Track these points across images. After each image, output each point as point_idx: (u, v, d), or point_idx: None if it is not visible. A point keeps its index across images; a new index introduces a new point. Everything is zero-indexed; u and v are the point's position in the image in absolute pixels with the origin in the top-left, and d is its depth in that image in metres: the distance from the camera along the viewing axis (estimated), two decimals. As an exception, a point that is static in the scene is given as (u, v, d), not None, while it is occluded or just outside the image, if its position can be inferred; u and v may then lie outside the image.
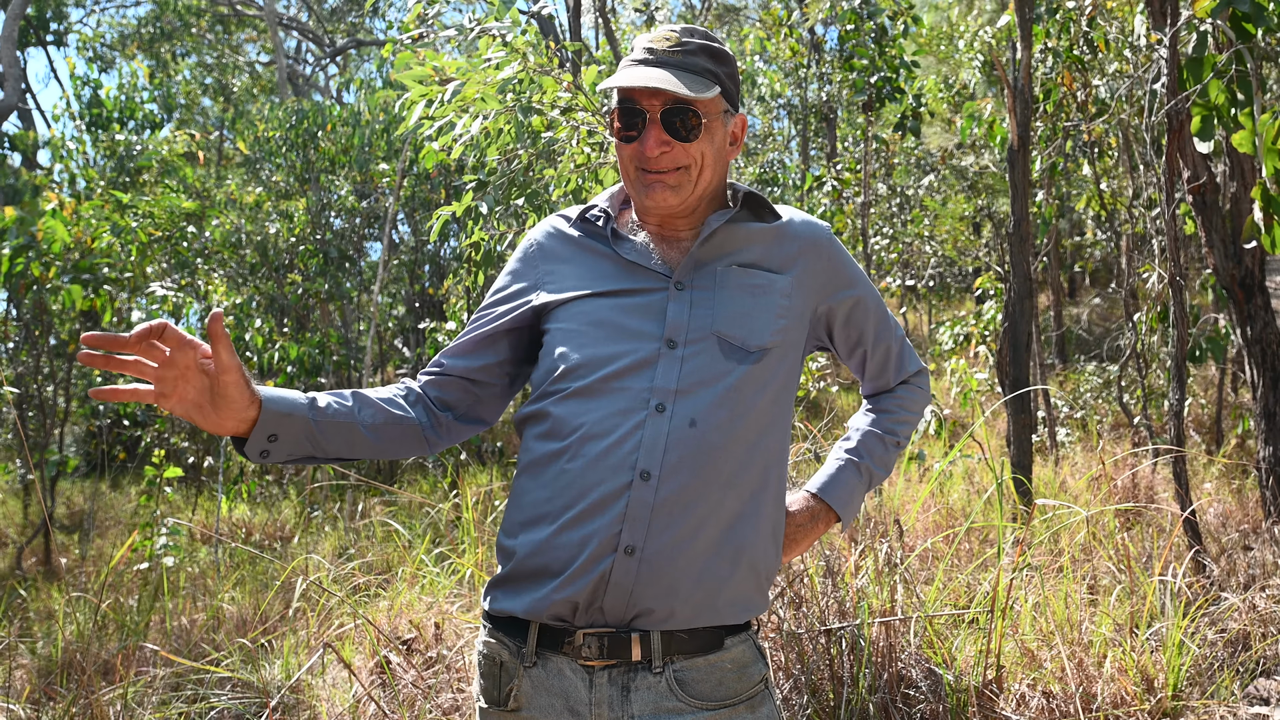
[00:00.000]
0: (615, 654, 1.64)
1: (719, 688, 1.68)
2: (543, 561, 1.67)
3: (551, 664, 1.68)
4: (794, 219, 1.88)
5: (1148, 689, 3.26)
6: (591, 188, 4.56)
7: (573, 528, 1.64)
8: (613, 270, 1.81)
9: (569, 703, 1.66)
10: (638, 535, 1.62)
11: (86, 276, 7.72)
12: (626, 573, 1.62)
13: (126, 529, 9.20)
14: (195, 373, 1.59)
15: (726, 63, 1.81)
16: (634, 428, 1.66)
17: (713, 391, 1.69)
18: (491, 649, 1.75)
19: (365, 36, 24.98)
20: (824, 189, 9.52)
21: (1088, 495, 6.34)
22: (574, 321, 1.77)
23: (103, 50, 23.34)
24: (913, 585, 3.63)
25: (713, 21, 16.42)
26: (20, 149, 14.92)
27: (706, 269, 1.79)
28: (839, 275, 1.89)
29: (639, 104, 1.75)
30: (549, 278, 1.85)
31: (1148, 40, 5.28)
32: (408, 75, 4.34)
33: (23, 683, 4.79)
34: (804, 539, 1.91)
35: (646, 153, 1.74)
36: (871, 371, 2.02)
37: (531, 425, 1.77)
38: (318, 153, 11.67)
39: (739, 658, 1.71)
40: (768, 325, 1.76)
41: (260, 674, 4.18)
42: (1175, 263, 4.91)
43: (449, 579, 4.65)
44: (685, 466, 1.65)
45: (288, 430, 1.70)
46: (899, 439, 2.03)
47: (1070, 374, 12.73)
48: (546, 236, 1.92)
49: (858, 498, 1.98)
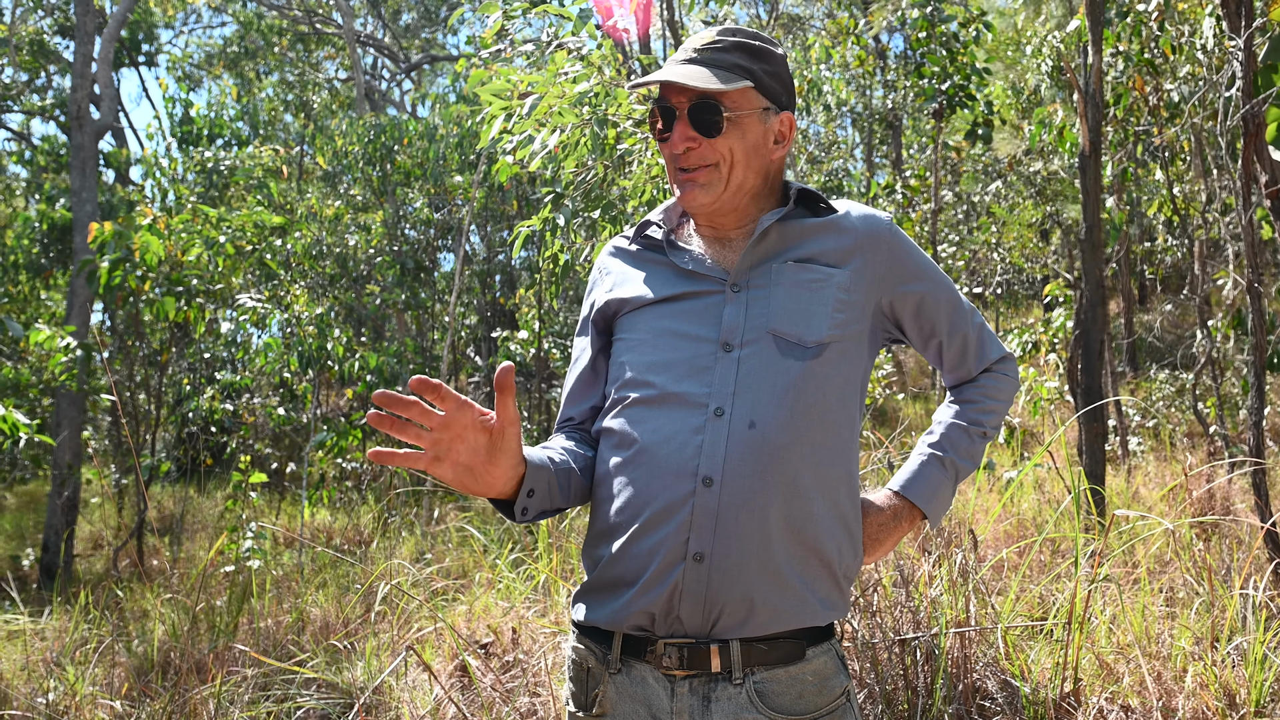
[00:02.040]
0: (695, 665, 1.64)
1: (799, 701, 1.66)
2: (618, 572, 1.68)
3: (635, 671, 1.69)
4: (851, 212, 1.83)
5: (1229, 704, 3.24)
6: (665, 198, 4.61)
7: (641, 537, 1.66)
8: (671, 278, 1.80)
9: (652, 710, 1.67)
10: (705, 542, 1.62)
11: (179, 289, 7.99)
12: (698, 580, 1.62)
13: (214, 532, 9.47)
14: (473, 431, 1.53)
15: (766, 60, 1.77)
16: (694, 433, 1.65)
17: (771, 391, 1.67)
18: (580, 654, 1.76)
19: (439, 52, 25.36)
20: (892, 196, 9.49)
21: (1162, 506, 6.26)
22: (635, 332, 1.79)
23: (191, 70, 24.00)
24: (987, 596, 3.64)
25: (779, 31, 16.41)
26: (115, 166, 15.46)
27: (762, 268, 1.76)
28: (902, 267, 1.83)
29: (669, 101, 1.74)
30: (617, 292, 1.86)
31: (1218, 43, 5.22)
32: (486, 90, 4.42)
33: (120, 680, 4.96)
34: (888, 538, 1.84)
35: (673, 149, 1.74)
36: (950, 362, 1.94)
37: (604, 437, 1.78)
38: (394, 166, 11.90)
39: (820, 669, 1.69)
40: (824, 319, 1.72)
41: (343, 675, 4.28)
42: (1253, 268, 4.85)
43: (524, 584, 4.71)
44: (747, 469, 1.63)
45: (540, 483, 1.68)
46: (985, 429, 1.93)
47: (1142, 382, 12.51)
48: (608, 257, 1.93)
49: (944, 493, 1.89)
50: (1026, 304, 18.96)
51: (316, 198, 12.80)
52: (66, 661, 4.93)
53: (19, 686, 4.83)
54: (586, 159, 4.53)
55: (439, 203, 12.42)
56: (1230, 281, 8.09)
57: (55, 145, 19.74)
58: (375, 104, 23.91)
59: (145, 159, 11.02)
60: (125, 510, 10.59)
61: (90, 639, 5.36)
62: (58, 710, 4.17)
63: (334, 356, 8.97)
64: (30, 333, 7.73)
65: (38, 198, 17.11)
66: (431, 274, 12.71)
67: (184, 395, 11.62)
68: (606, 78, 4.46)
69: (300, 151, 16.11)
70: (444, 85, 25.21)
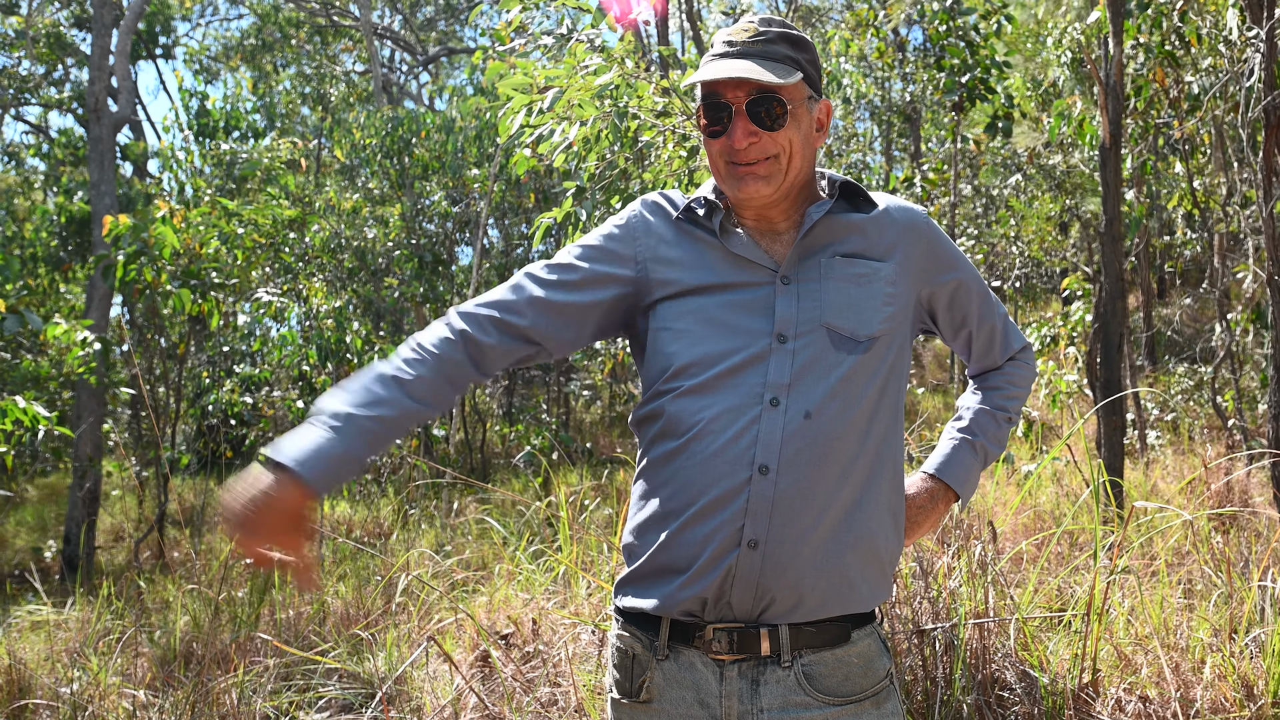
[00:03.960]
0: (745, 649, 1.67)
1: (845, 683, 1.70)
2: (668, 559, 1.70)
3: (683, 657, 1.71)
4: (891, 206, 1.85)
5: (1247, 695, 3.24)
6: (686, 191, 4.61)
7: (695, 524, 1.67)
8: (720, 263, 1.79)
9: (700, 695, 1.69)
10: (760, 529, 1.65)
11: (195, 282, 8.03)
12: (751, 567, 1.65)
13: (234, 524, 9.50)
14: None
15: (806, 49, 1.79)
16: (750, 423, 1.67)
17: (825, 383, 1.69)
18: (625, 642, 1.78)
19: (456, 45, 25.39)
20: (910, 190, 9.46)
21: (1180, 499, 6.24)
22: (684, 320, 1.77)
23: (208, 63, 24.11)
24: (1005, 588, 3.65)
25: (797, 23, 16.37)
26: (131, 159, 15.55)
27: (810, 261, 1.78)
28: (939, 258, 1.88)
29: (723, 97, 1.73)
30: (656, 265, 1.82)
31: (1240, 36, 5.20)
32: (507, 83, 4.41)
33: (144, 670, 5.01)
34: (925, 521, 1.92)
35: (735, 145, 1.72)
36: (978, 351, 2.01)
37: (647, 425, 1.78)
38: (412, 159, 11.93)
39: (865, 651, 1.73)
40: (875, 314, 1.75)
41: (365, 666, 4.31)
42: (1273, 262, 4.83)
43: (544, 576, 4.73)
44: (803, 459, 1.66)
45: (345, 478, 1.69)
46: (1010, 414, 2.02)
47: (1160, 376, 12.46)
48: (652, 211, 1.87)
49: (974, 475, 1.98)
50: (1045, 298, 18.89)
51: (334, 191, 12.84)
52: (90, 652, 4.98)
53: (42, 677, 4.89)
54: (606, 152, 4.54)
55: (457, 196, 12.45)
56: (1250, 275, 8.05)
57: (73, 138, 19.83)
58: (393, 97, 23.98)
59: (162, 152, 11.11)
60: (146, 502, 10.67)
61: (113, 630, 5.40)
62: (82, 699, 4.22)
63: (352, 349, 9.00)
64: (49, 326, 7.78)
65: (56, 191, 17.22)
66: (449, 267, 12.75)
67: (203, 388, 11.70)
68: (628, 70, 4.46)
69: (318, 145, 16.16)
70: (461, 78, 25.26)
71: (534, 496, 7.93)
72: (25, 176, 20.37)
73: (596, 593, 4.30)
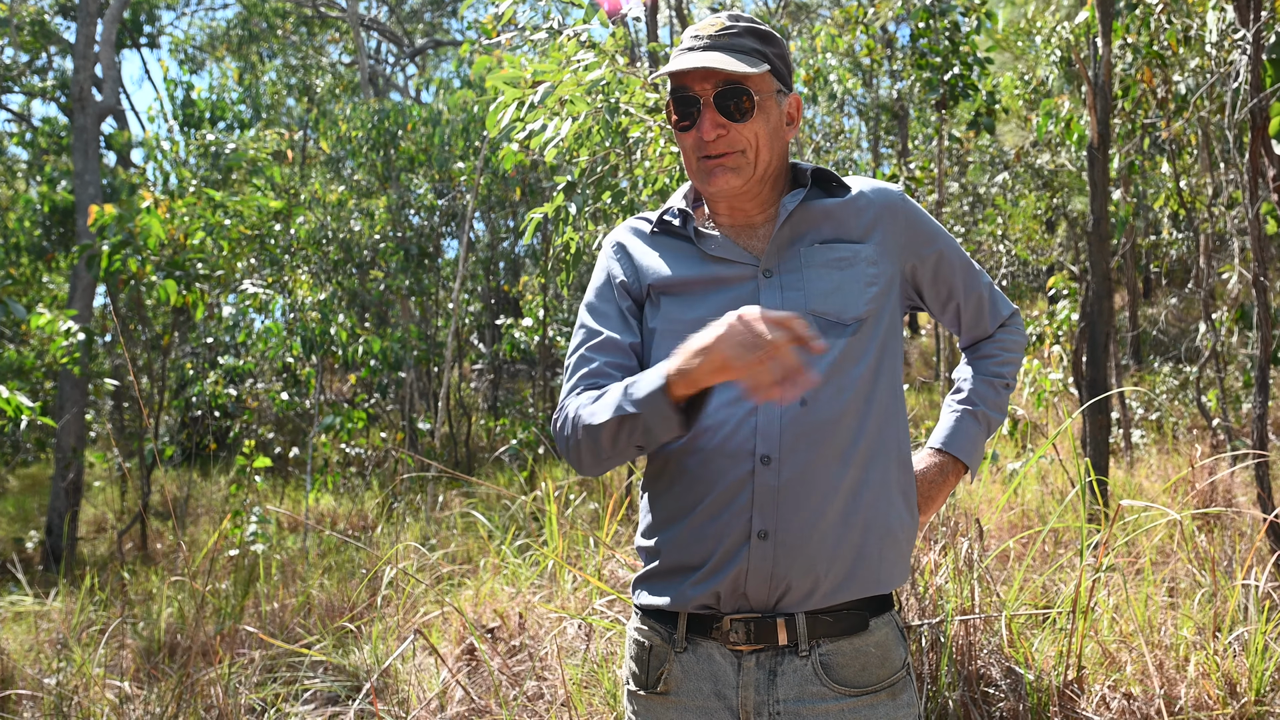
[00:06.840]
0: (762, 639, 1.69)
1: (862, 673, 1.71)
2: (682, 557, 1.72)
3: (701, 649, 1.73)
4: (865, 188, 1.87)
5: (1231, 693, 3.26)
6: (677, 186, 4.59)
7: (705, 520, 1.70)
8: (698, 264, 1.81)
9: (717, 686, 1.71)
10: (768, 519, 1.67)
11: (180, 273, 7.99)
12: (764, 557, 1.67)
13: (218, 516, 9.51)
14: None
15: (774, 43, 1.80)
16: (747, 415, 1.69)
17: (817, 369, 1.70)
18: (644, 634, 1.80)
19: (443, 37, 25.28)
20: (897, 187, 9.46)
21: (1165, 498, 6.28)
22: (671, 323, 1.79)
23: (193, 52, 23.95)
24: (992, 585, 3.67)
25: (786, 19, 16.38)
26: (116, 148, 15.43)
27: (790, 251, 1.80)
28: (918, 233, 1.89)
29: (691, 90, 1.75)
30: (645, 276, 1.85)
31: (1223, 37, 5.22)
32: (496, 77, 4.39)
33: (128, 662, 4.99)
34: (938, 495, 1.93)
35: (704, 136, 1.74)
36: (967, 322, 2.02)
37: None
38: (398, 152, 11.89)
39: (883, 640, 1.74)
40: (860, 295, 1.77)
41: (351, 658, 4.31)
42: (1259, 262, 4.86)
43: (530, 570, 4.73)
44: (803, 446, 1.68)
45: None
46: (1007, 380, 2.03)
47: (1145, 375, 12.53)
48: (628, 236, 1.92)
49: (980, 444, 1.98)
50: (1031, 296, 18.97)
51: (320, 183, 12.79)
52: (73, 643, 4.96)
53: (25, 667, 4.86)
54: (597, 147, 4.53)
55: (443, 189, 12.42)
56: (1235, 275, 8.10)
57: (56, 127, 19.66)
58: (379, 89, 23.86)
59: (147, 141, 11.02)
60: (128, 494, 10.61)
61: (96, 621, 5.38)
62: (67, 690, 4.20)
63: (337, 342, 8.97)
64: (32, 316, 7.73)
65: (39, 180, 17.08)
66: (435, 260, 12.71)
67: (187, 380, 11.63)
68: (620, 65, 4.44)
69: (304, 136, 16.08)
70: (448, 70, 25.18)
71: (519, 491, 7.93)
72: (8, 165, 20.21)
73: (582, 587, 4.31)
